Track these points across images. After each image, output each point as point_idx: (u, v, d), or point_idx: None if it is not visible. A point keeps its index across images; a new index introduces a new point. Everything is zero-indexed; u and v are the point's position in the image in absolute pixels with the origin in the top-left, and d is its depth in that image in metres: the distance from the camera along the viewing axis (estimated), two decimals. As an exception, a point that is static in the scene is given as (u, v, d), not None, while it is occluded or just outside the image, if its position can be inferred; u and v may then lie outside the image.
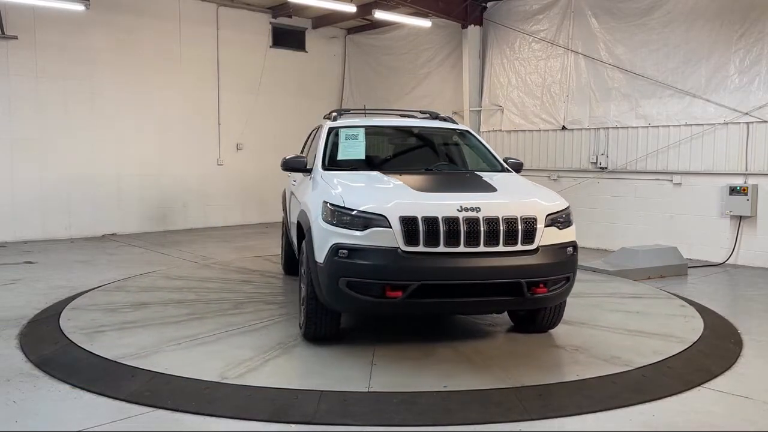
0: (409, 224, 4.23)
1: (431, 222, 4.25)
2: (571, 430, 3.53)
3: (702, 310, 5.98)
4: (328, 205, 4.46)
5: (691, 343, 4.90)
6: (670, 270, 7.78)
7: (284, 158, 5.65)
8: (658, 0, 9.30)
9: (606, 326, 5.42)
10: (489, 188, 4.89)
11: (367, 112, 7.29)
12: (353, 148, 5.74)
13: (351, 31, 14.24)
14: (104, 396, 3.86)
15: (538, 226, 4.45)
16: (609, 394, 3.96)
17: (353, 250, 4.23)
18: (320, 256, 4.39)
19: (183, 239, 10.73)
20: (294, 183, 6.42)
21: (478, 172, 5.51)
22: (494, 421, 3.58)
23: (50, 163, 10.56)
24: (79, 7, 9.90)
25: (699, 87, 8.93)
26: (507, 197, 4.71)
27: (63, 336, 4.94)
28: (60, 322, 5.29)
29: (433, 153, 6.34)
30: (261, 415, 3.62)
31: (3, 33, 9.91)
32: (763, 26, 8.34)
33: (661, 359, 4.53)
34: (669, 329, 5.30)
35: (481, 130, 11.64)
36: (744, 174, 8.60)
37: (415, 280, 4.21)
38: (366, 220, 4.26)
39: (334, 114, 6.43)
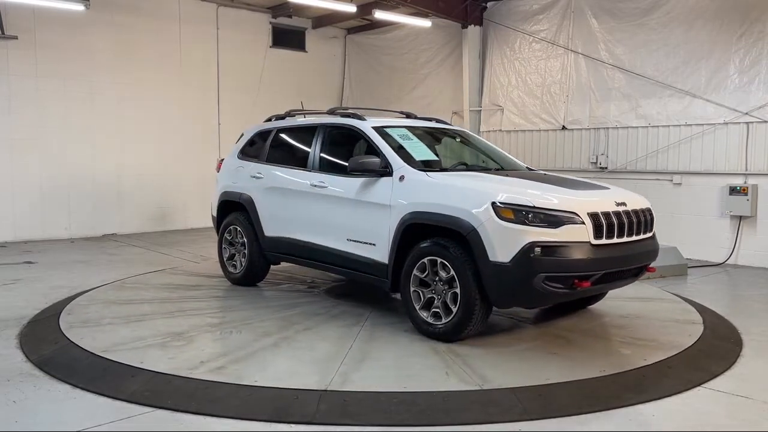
0: (595, 219, 4.57)
1: (608, 216, 4.66)
2: (571, 430, 3.54)
3: (702, 310, 5.98)
4: (508, 205, 4.50)
5: (691, 343, 4.90)
6: (670, 270, 7.77)
7: (354, 160, 5.37)
8: (658, 0, 9.30)
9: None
10: (602, 186, 5.36)
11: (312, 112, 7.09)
12: (420, 148, 5.74)
13: (351, 31, 14.24)
14: (104, 396, 3.86)
15: (654, 216, 5.18)
16: (609, 394, 3.96)
17: (549, 247, 4.41)
18: (505, 255, 4.44)
19: (183, 239, 10.73)
20: (321, 184, 5.87)
21: (544, 172, 6.10)
22: (494, 421, 3.58)
23: (50, 163, 10.56)
24: (79, 7, 9.90)
25: (699, 87, 8.93)
26: (627, 193, 5.19)
27: (63, 336, 4.93)
28: (60, 322, 5.27)
29: (465, 153, 6.36)
30: (261, 415, 3.62)
31: (3, 33, 9.91)
32: (763, 26, 8.35)
33: (661, 359, 4.53)
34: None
35: (481, 130, 11.65)
36: (744, 174, 8.61)
37: (602, 270, 4.61)
38: (559, 218, 4.47)
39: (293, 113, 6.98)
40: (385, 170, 5.32)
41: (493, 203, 4.53)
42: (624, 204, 4.86)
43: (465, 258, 4.65)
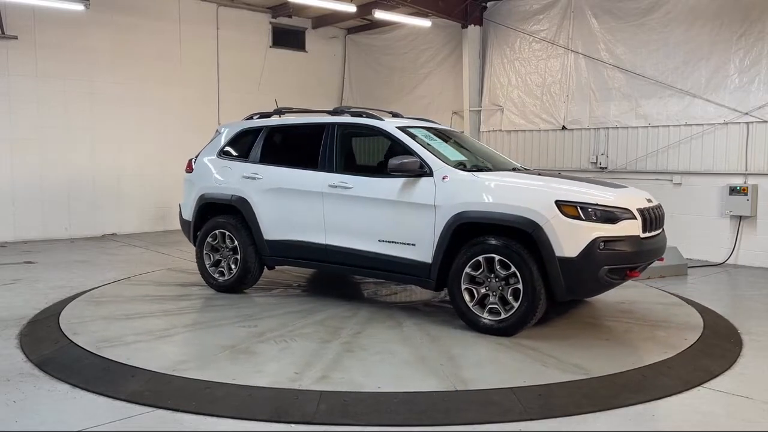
0: (642, 214, 4.95)
1: (648, 211, 5.06)
2: (571, 430, 3.53)
3: (702, 310, 5.98)
4: (572, 203, 4.75)
5: (691, 343, 4.91)
6: (670, 270, 7.76)
7: (394, 162, 5.27)
8: (658, 0, 9.30)
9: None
10: (621, 185, 5.68)
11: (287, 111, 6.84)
12: (449, 149, 5.80)
13: (351, 31, 14.23)
14: (104, 396, 3.86)
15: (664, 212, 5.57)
16: (609, 394, 3.96)
17: (612, 241, 4.74)
18: (572, 250, 4.68)
19: (183, 239, 10.64)
20: (343, 185, 5.68)
21: (558, 171, 6.48)
22: (494, 421, 3.58)
23: (50, 163, 10.56)
24: (79, 7, 9.90)
25: (699, 87, 8.93)
26: (643, 192, 5.54)
27: (63, 336, 4.92)
28: (60, 322, 5.27)
29: (465, 154, 6.37)
30: (261, 415, 3.62)
31: (3, 33, 9.91)
32: (763, 26, 8.35)
33: (661, 359, 4.53)
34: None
35: (481, 130, 11.65)
36: (744, 174, 8.61)
37: (646, 261, 5.07)
38: (617, 214, 4.80)
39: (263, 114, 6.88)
40: (423, 171, 5.31)
41: (557, 201, 4.75)
42: (650, 201, 5.27)
43: (527, 254, 4.79)
